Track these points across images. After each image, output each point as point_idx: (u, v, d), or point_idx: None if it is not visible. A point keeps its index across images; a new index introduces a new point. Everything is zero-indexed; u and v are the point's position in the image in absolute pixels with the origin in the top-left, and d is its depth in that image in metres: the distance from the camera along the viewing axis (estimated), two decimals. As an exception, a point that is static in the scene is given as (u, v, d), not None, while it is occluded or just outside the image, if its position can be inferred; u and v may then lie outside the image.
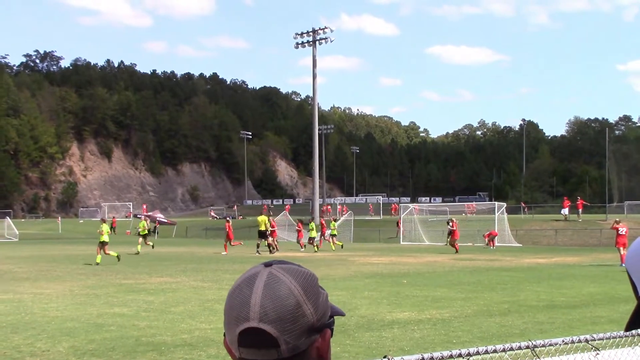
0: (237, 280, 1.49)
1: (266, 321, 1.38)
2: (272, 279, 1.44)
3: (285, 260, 1.54)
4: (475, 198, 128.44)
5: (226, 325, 1.45)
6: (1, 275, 24.51)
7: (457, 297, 17.96)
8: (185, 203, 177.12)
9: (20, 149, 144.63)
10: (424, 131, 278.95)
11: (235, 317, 1.41)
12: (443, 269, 28.34)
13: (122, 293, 18.83)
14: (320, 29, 79.28)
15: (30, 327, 12.84)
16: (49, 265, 29.86)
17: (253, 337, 1.39)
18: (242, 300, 1.42)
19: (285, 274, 1.45)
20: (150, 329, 12.71)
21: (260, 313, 1.39)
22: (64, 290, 19.59)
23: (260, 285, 1.43)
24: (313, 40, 79.06)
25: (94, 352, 10.51)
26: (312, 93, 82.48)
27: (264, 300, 1.40)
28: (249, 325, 1.39)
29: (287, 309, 1.40)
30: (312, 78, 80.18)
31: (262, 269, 1.49)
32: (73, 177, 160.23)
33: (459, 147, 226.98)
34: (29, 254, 37.58)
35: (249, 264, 28.15)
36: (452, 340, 11.57)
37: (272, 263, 1.50)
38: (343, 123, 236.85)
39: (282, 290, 1.42)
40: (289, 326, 1.39)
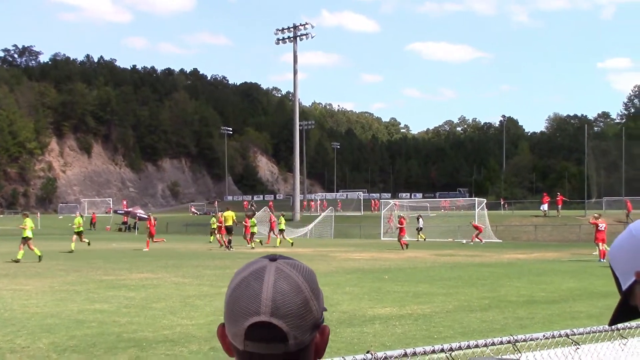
0: (241, 273, 1.48)
1: (277, 316, 1.39)
2: (281, 274, 1.44)
3: (286, 255, 1.54)
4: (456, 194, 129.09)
5: (230, 317, 1.44)
6: (-20, 272, 24.33)
7: (438, 293, 18.04)
8: (165, 199, 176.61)
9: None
10: (405, 127, 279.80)
11: (244, 310, 1.41)
12: (424, 264, 28.45)
13: (103, 289, 18.75)
14: (301, 24, 79.33)
15: (9, 324, 12.75)
16: (28, 261, 29.65)
17: (262, 331, 1.40)
18: (251, 294, 1.42)
19: (292, 270, 1.47)
20: (132, 325, 12.67)
21: (272, 308, 1.39)
22: (43, 286, 19.47)
23: (270, 279, 1.43)
24: (294, 36, 79.09)
25: (74, 349, 10.46)
26: (293, 89, 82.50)
27: (275, 295, 1.40)
28: (260, 320, 1.39)
29: (296, 304, 1.41)
30: (293, 74, 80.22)
31: (267, 263, 1.48)
32: (52, 172, 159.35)
33: (439, 143, 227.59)
34: (8, 250, 37.25)
35: (230, 260, 28.13)
36: (433, 335, 11.62)
37: (277, 258, 1.51)
38: (324, 119, 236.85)
39: (292, 286, 1.43)
40: (298, 322, 1.41)
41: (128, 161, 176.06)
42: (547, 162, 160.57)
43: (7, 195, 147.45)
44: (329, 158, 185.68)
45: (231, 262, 29.09)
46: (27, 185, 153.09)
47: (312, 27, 79.32)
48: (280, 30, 79.77)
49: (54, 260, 30.44)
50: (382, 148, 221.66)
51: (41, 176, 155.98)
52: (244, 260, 30.46)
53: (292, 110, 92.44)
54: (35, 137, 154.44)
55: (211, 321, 13.05)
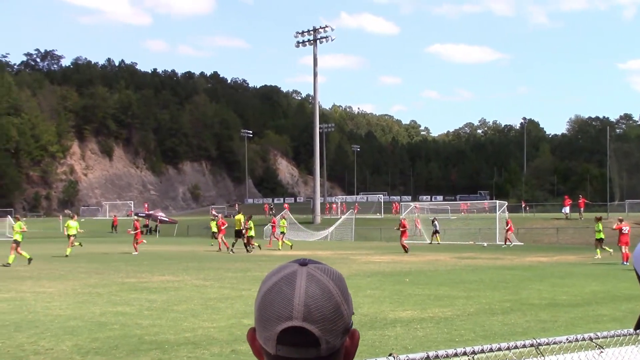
0: (271, 278, 1.48)
1: (310, 321, 1.40)
2: (313, 279, 1.45)
3: (315, 259, 1.55)
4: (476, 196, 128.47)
5: (261, 322, 1.45)
6: (3, 274, 24.53)
7: (460, 296, 17.98)
8: (186, 202, 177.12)
9: (21, 147, 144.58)
10: (425, 130, 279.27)
11: (276, 315, 1.41)
12: (445, 267, 28.36)
13: (125, 292, 18.85)
14: (321, 27, 79.32)
15: (33, 326, 12.85)
16: (50, 264, 29.89)
17: (295, 336, 1.40)
18: (283, 299, 1.42)
19: (323, 274, 1.47)
20: (153, 327, 12.72)
21: (304, 313, 1.40)
22: (66, 289, 19.60)
23: (302, 284, 1.43)
24: (314, 39, 79.10)
25: (97, 351, 10.53)
26: (313, 92, 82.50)
27: (307, 300, 1.41)
28: (293, 324, 1.40)
29: (328, 309, 1.42)
30: (313, 77, 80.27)
31: (298, 267, 1.49)
32: (74, 175, 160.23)
33: (459, 145, 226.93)
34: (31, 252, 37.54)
35: (251, 263, 28.17)
36: (455, 338, 11.59)
37: (307, 262, 1.51)
38: (344, 122, 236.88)
39: (324, 290, 1.44)
40: (330, 326, 1.41)
41: (149, 164, 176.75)
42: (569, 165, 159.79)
43: (29, 198, 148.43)
44: (349, 161, 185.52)
45: (252, 265, 29.13)
46: (49, 188, 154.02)
47: (332, 29, 79.32)
48: (300, 33, 79.80)
49: (75, 263, 30.63)
50: (402, 150, 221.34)
51: (63, 179, 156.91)
52: (263, 263, 30.52)
53: (312, 113, 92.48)
54: (57, 140, 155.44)
55: (232, 324, 13.08)
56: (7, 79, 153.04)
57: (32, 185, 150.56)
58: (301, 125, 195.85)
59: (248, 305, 15.91)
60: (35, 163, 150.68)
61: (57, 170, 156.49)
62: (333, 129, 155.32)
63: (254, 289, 19.33)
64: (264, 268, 27.49)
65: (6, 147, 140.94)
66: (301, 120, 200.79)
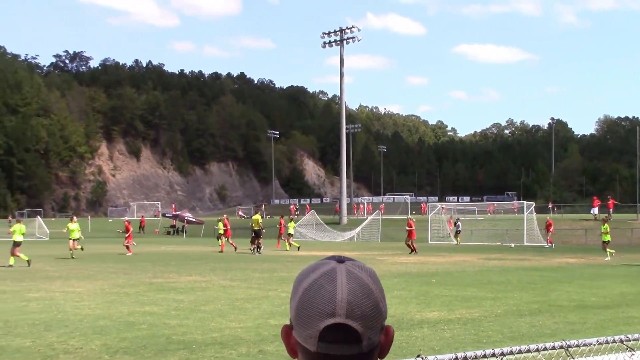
0: (309, 275, 1.49)
1: (353, 318, 1.40)
2: (353, 276, 1.46)
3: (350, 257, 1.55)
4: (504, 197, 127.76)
5: (302, 319, 1.45)
6: (34, 274, 24.76)
7: (487, 297, 17.88)
8: (213, 202, 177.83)
9: (50, 148, 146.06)
10: (452, 130, 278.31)
11: (318, 312, 1.42)
12: (472, 268, 28.23)
13: (152, 292, 18.95)
14: (348, 28, 79.29)
15: (62, 325, 12.96)
16: (79, 264, 30.12)
17: (337, 333, 1.41)
18: (325, 296, 1.42)
19: (361, 272, 1.48)
20: (181, 327, 12.78)
21: (347, 309, 1.40)
22: (95, 288, 19.75)
23: (342, 281, 1.44)
24: (340, 40, 79.09)
25: (126, 350, 10.60)
26: (340, 92, 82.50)
27: (349, 297, 1.41)
28: (336, 321, 1.40)
29: (369, 306, 1.43)
30: (340, 77, 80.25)
31: (337, 265, 1.49)
32: (102, 176, 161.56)
33: (487, 146, 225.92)
34: (60, 252, 37.92)
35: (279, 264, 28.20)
36: (482, 340, 11.53)
37: (344, 259, 1.52)
38: (370, 122, 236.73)
39: (364, 287, 1.44)
40: (371, 323, 1.43)
41: (176, 165, 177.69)
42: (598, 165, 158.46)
43: (58, 198, 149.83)
44: (376, 161, 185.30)
45: (279, 266, 29.17)
46: (78, 188, 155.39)
47: (359, 30, 79.30)
48: (326, 34, 79.80)
49: (104, 263, 30.86)
50: (429, 151, 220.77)
51: (91, 180, 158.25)
52: (290, 263, 30.55)
53: (338, 114, 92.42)
54: (85, 141, 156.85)
55: (259, 324, 13.11)
56: (37, 81, 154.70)
57: (61, 185, 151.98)
58: (328, 125, 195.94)
59: (275, 306, 15.94)
60: (64, 164, 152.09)
61: (86, 170, 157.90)
62: (360, 129, 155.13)
63: (280, 290, 19.38)
64: (291, 268, 27.52)
65: (36, 147, 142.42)
66: (328, 120, 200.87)
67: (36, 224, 69.36)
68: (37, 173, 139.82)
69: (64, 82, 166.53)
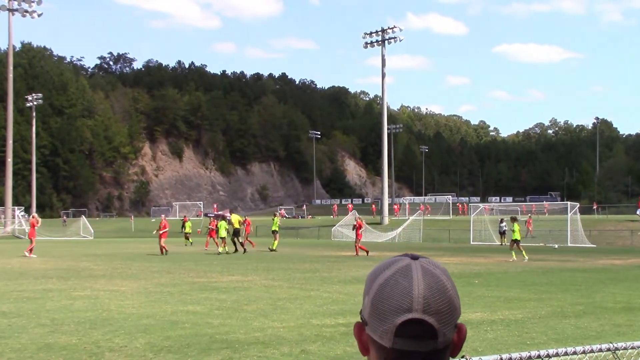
0: (384, 272, 1.51)
1: (429, 313, 1.42)
2: (428, 273, 1.48)
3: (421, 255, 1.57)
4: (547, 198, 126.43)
5: (377, 314, 1.46)
6: (79, 273, 25.10)
7: (530, 298, 17.71)
8: (254, 202, 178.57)
9: (94, 149, 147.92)
10: (494, 130, 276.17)
11: (395, 307, 1.43)
12: (515, 269, 27.97)
13: (195, 291, 19.08)
14: (389, 28, 79.10)
15: (107, 324, 13.12)
16: (123, 263, 30.46)
17: (414, 328, 1.42)
18: (401, 292, 1.44)
19: (436, 269, 1.50)
20: (224, 326, 12.85)
21: (423, 305, 1.42)
22: (138, 287, 19.96)
23: (418, 277, 1.46)
24: (382, 40, 78.93)
25: (169, 349, 10.69)
26: (381, 92, 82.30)
27: (425, 292, 1.43)
28: (413, 317, 1.42)
29: (445, 302, 1.45)
30: (381, 77, 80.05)
31: (410, 261, 1.52)
32: (145, 176, 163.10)
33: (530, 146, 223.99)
34: (104, 252, 38.40)
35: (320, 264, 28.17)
36: (526, 341, 11.42)
37: (418, 256, 1.54)
38: (412, 122, 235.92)
39: (439, 284, 1.47)
40: (446, 319, 1.45)
41: (218, 165, 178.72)
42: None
43: (102, 198, 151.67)
44: (417, 161, 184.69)
45: (321, 266, 29.19)
46: (122, 188, 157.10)
47: (400, 30, 79.05)
48: (368, 34, 79.68)
49: (147, 262, 31.16)
50: (471, 151, 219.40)
51: (134, 180, 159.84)
52: (331, 264, 30.55)
53: (380, 114, 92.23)
54: (129, 141, 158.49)
55: (301, 324, 13.14)
56: (82, 82, 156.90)
57: (105, 185, 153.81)
58: (369, 126, 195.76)
59: (317, 306, 15.96)
60: (108, 164, 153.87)
61: (129, 171, 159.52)
62: (401, 129, 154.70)
63: (322, 290, 19.39)
64: (332, 268, 27.54)
65: (80, 148, 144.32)
66: (369, 121, 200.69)
67: (81, 223, 70.31)
68: (81, 173, 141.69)
69: (108, 83, 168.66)
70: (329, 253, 40.01)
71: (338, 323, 13.24)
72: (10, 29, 76.82)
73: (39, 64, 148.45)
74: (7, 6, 75.22)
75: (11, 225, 72.66)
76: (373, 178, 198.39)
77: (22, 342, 11.29)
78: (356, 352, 10.42)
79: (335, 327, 12.78)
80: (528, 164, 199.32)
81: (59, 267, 27.64)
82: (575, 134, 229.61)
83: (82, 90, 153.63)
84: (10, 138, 79.07)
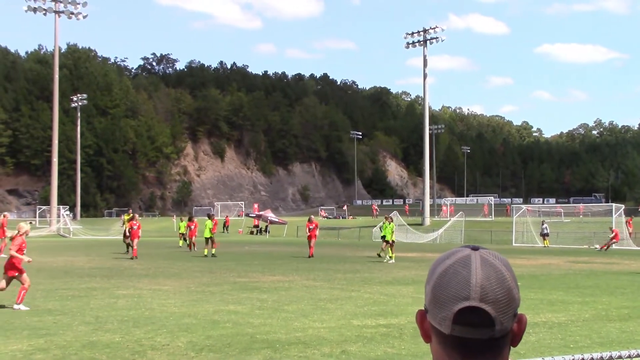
0: (445, 261, 1.55)
1: (486, 301, 1.46)
2: (487, 263, 1.52)
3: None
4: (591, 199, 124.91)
5: (437, 302, 1.51)
6: (122, 272, 25.39)
7: (574, 301, 17.49)
8: (295, 203, 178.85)
9: (138, 149, 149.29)
10: (537, 131, 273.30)
11: (453, 295, 1.48)
12: (558, 271, 27.65)
13: (236, 291, 19.18)
14: (431, 28, 78.84)
15: (150, 322, 13.25)
16: (165, 262, 30.74)
17: (471, 316, 1.47)
18: (460, 280, 1.49)
19: (495, 259, 1.54)
20: (265, 326, 12.90)
21: (481, 293, 1.46)
22: (180, 286, 20.12)
23: (477, 267, 1.50)
24: (424, 40, 78.68)
25: (211, 348, 10.76)
26: (423, 93, 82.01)
27: (484, 281, 1.48)
28: (470, 304, 1.46)
29: (503, 291, 1.48)
30: (423, 78, 79.78)
31: (471, 252, 1.55)
32: (187, 176, 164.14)
33: (573, 147, 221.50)
34: (147, 251, 38.75)
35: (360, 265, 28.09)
36: (569, 345, 11.29)
37: (478, 247, 1.58)
38: (454, 123, 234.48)
39: (498, 273, 1.50)
40: (504, 308, 1.48)
41: (260, 165, 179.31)
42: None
43: (145, 198, 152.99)
44: (459, 162, 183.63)
45: (362, 267, 29.18)
46: (164, 188, 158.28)
47: (442, 30, 78.74)
48: (409, 34, 79.49)
49: (189, 261, 31.42)
50: (513, 152, 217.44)
51: (177, 180, 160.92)
52: (372, 264, 30.50)
53: (421, 114, 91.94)
54: (171, 142, 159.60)
55: (342, 325, 13.14)
56: (126, 83, 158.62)
57: (147, 185, 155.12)
58: (410, 126, 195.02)
59: (358, 307, 15.95)
60: (150, 164, 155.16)
61: (171, 171, 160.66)
62: (443, 130, 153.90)
63: (363, 290, 19.36)
64: (373, 269, 27.50)
65: (124, 148, 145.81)
66: (410, 121, 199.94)
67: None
68: (125, 173, 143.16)
69: (151, 84, 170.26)
70: (370, 254, 39.90)
71: (379, 324, 13.22)
72: (56, 30, 78.02)
73: (83, 65, 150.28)
74: (54, 8, 76.43)
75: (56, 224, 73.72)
76: (414, 179, 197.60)
77: (67, 339, 11.46)
78: (396, 354, 10.40)
79: (376, 328, 12.76)
80: (572, 165, 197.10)
81: (102, 266, 28.00)
82: (620, 134, 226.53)
83: (126, 91, 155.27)
84: (56, 138, 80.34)
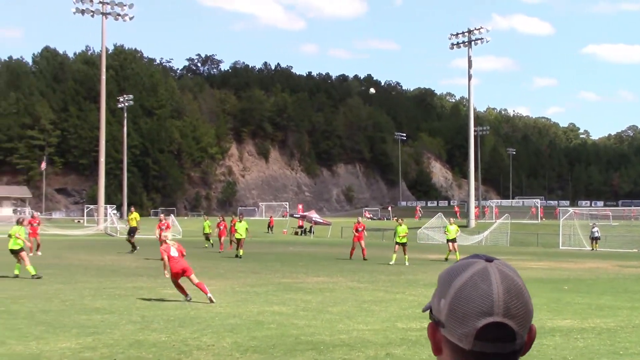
0: (462, 275, 1.52)
1: (509, 316, 1.45)
2: (505, 276, 1.51)
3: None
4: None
5: (457, 317, 1.48)
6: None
7: (623, 306, 17.20)
8: (340, 204, 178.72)
9: (183, 149, 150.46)
10: (584, 132, 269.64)
11: (475, 310, 1.46)
12: (607, 275, 27.24)
13: (281, 292, 19.23)
14: (476, 29, 78.31)
15: (195, 322, 13.35)
16: (210, 262, 30.93)
17: (495, 332, 1.45)
18: (481, 295, 1.47)
19: (510, 271, 1.54)
20: (309, 328, 12.91)
21: (504, 309, 1.45)
22: (225, 287, 20.23)
23: (496, 281, 1.49)
24: (468, 41, 78.15)
25: (255, 349, 10.79)
26: (468, 94, 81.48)
27: (506, 296, 1.46)
28: (494, 320, 1.45)
29: (522, 305, 1.48)
30: (468, 79, 79.27)
31: (487, 264, 1.54)
32: (232, 176, 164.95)
33: (622, 149, 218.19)
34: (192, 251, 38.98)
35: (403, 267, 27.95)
36: (618, 351, 11.10)
37: (492, 259, 1.57)
38: (499, 124, 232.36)
39: (517, 287, 1.50)
40: (523, 321, 1.48)
41: (304, 166, 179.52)
42: None
43: (190, 198, 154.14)
44: (504, 164, 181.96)
45: (406, 269, 29.06)
46: (209, 188, 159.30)
47: (487, 31, 78.11)
48: (454, 35, 79.02)
49: (234, 262, 31.59)
50: (560, 154, 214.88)
51: (222, 180, 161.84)
52: (416, 266, 30.35)
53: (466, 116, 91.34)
54: (216, 142, 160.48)
55: (387, 327, 13.09)
56: (171, 84, 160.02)
57: (193, 185, 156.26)
58: (455, 127, 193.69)
59: (402, 309, 15.88)
60: (195, 164, 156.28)
61: (216, 171, 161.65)
62: (488, 131, 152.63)
63: (407, 292, 19.28)
64: (417, 271, 27.38)
65: (169, 148, 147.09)
66: (455, 122, 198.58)
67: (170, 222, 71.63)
68: (170, 173, 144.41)
69: (196, 84, 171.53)
70: (414, 255, 39.69)
71: (424, 327, 13.12)
72: (103, 32, 79.14)
73: (130, 66, 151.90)
74: (101, 10, 77.50)
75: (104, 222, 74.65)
76: (459, 180, 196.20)
77: (115, 337, 11.59)
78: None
79: (420, 331, 12.69)
80: (620, 168, 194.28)
81: (148, 266, 28.26)
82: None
83: (171, 92, 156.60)
84: (103, 138, 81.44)
